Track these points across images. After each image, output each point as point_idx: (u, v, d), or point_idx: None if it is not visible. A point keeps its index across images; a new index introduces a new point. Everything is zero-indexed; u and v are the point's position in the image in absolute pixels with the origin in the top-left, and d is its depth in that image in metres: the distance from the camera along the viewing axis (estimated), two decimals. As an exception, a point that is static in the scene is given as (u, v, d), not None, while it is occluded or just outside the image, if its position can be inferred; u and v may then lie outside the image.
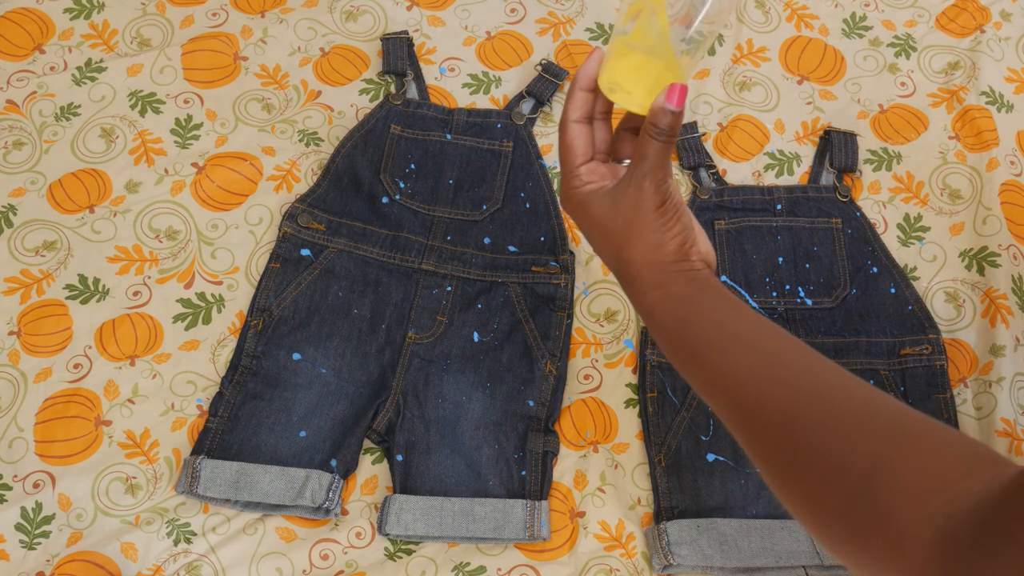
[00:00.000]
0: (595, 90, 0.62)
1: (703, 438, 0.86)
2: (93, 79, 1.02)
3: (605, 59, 0.61)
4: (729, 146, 1.02)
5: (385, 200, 0.95)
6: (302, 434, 0.84)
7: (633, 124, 0.63)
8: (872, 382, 0.88)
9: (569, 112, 0.61)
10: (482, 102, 1.04)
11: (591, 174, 0.61)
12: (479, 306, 0.91)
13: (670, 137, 0.57)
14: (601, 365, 0.91)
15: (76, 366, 0.88)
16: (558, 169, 1.00)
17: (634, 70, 0.60)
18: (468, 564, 0.81)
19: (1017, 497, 0.40)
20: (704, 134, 1.02)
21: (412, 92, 1.02)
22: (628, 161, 0.63)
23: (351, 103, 1.03)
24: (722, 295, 0.57)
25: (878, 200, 0.99)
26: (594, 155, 0.62)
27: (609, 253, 0.60)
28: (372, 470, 0.86)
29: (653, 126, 0.57)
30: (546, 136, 1.02)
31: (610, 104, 0.63)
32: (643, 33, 0.59)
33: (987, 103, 1.04)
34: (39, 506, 0.82)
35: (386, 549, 0.82)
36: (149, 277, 0.92)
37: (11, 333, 0.89)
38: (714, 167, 1.00)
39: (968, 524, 0.42)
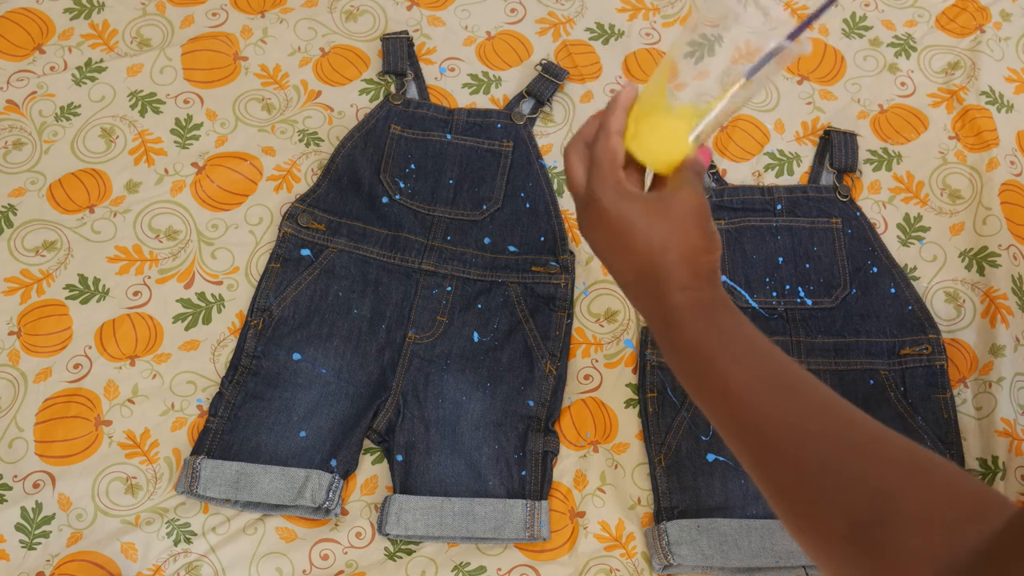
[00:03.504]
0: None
1: (703, 438, 0.86)
2: (93, 79, 1.02)
3: (631, 118, 0.64)
4: (729, 146, 1.02)
5: (385, 200, 0.95)
6: (302, 434, 0.84)
7: None
8: (872, 382, 0.88)
9: (611, 124, 0.63)
10: (482, 102, 1.04)
11: (631, 178, 0.63)
12: (479, 306, 0.91)
13: (704, 170, 0.63)
14: (601, 365, 0.91)
15: (76, 366, 0.88)
16: (558, 169, 1.00)
17: (655, 137, 0.63)
18: (468, 564, 0.81)
19: (1012, 536, 0.40)
20: (704, 134, 1.02)
21: (412, 92, 1.02)
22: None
23: (351, 103, 1.03)
24: (747, 321, 0.59)
25: (878, 200, 0.99)
26: None
27: (645, 251, 0.60)
28: (372, 470, 0.86)
29: (694, 162, 0.62)
30: (546, 136, 1.02)
31: None
32: (655, 96, 0.62)
33: (987, 103, 1.04)
34: (39, 506, 0.82)
35: (386, 549, 0.82)
36: (149, 277, 0.92)
37: (11, 333, 0.89)
38: (714, 167, 1.00)
39: (968, 563, 0.42)
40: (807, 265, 0.94)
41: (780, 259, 0.94)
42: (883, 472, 0.49)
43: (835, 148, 1.00)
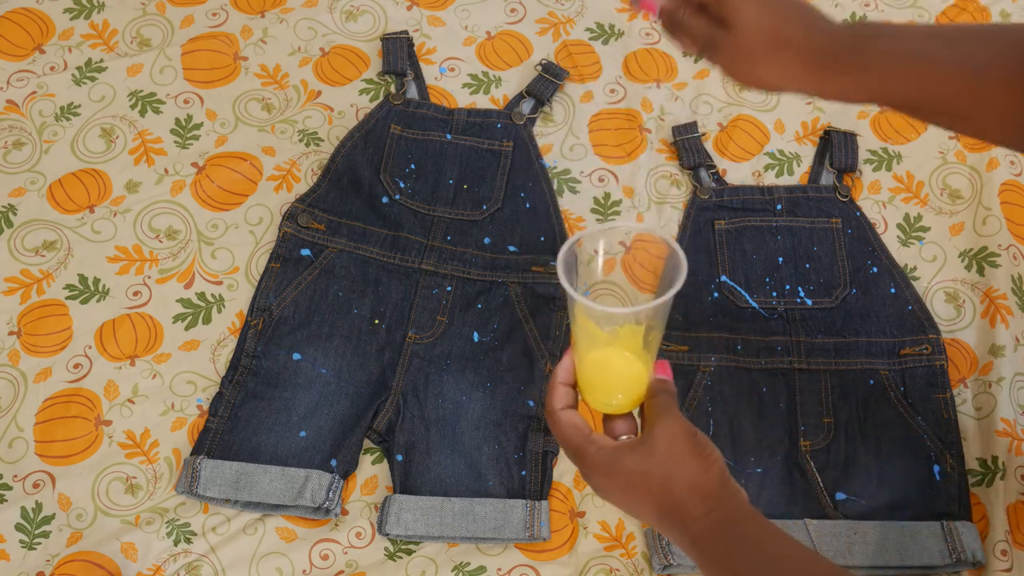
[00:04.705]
0: (574, 384, 0.65)
1: (703, 438, 0.85)
2: (93, 79, 1.02)
3: (580, 378, 0.64)
4: (729, 146, 1.02)
5: (385, 200, 0.95)
6: (302, 434, 0.84)
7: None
8: (872, 382, 0.88)
9: (554, 403, 0.64)
10: (482, 102, 1.04)
11: (602, 439, 0.63)
12: (479, 306, 0.91)
13: (673, 387, 0.64)
14: (601, 365, 0.91)
15: (76, 366, 0.88)
16: (558, 168, 1.00)
17: (605, 385, 0.64)
18: (468, 564, 0.81)
19: None
20: (704, 134, 1.02)
21: (412, 92, 1.02)
22: (624, 436, 0.64)
23: (351, 103, 1.03)
24: (768, 524, 0.59)
25: (878, 200, 0.99)
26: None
27: (650, 497, 0.61)
28: (372, 470, 0.86)
29: (658, 384, 0.63)
30: (546, 136, 1.02)
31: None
32: (588, 339, 0.62)
33: (987, 103, 1.04)
34: (39, 506, 0.82)
35: (386, 549, 0.82)
36: (149, 277, 0.92)
37: (11, 333, 0.89)
38: (714, 167, 1.00)
39: None
40: (807, 265, 0.94)
41: (780, 259, 0.94)
42: None
43: (835, 148, 1.00)
